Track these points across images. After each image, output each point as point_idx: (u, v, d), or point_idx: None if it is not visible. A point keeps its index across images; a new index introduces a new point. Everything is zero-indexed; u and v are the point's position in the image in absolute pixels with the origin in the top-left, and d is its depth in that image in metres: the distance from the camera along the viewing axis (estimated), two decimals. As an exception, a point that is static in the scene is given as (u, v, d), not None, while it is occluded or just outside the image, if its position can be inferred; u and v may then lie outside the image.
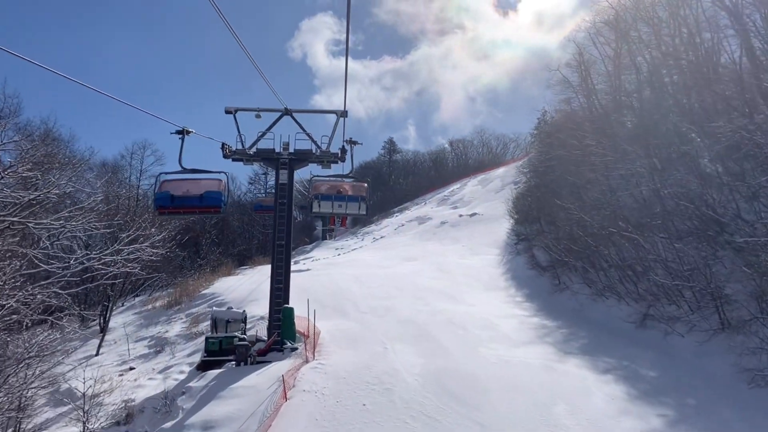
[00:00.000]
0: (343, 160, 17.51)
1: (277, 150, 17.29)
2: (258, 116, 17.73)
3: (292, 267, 39.17)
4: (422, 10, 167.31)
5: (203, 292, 29.00)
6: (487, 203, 54.94)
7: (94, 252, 19.66)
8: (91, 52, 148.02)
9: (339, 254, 47.14)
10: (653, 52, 34.91)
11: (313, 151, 17.38)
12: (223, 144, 16.73)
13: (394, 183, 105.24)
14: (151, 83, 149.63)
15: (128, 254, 20.33)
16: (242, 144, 17.11)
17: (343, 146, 17.34)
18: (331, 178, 18.49)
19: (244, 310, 16.72)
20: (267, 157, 17.34)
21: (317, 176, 18.89)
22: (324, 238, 59.08)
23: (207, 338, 16.50)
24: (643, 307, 20.49)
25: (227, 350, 16.12)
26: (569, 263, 26.94)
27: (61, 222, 17.16)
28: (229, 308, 16.87)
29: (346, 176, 18.61)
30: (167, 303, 28.53)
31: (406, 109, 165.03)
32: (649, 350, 17.32)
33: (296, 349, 16.17)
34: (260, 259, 45.50)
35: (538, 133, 57.37)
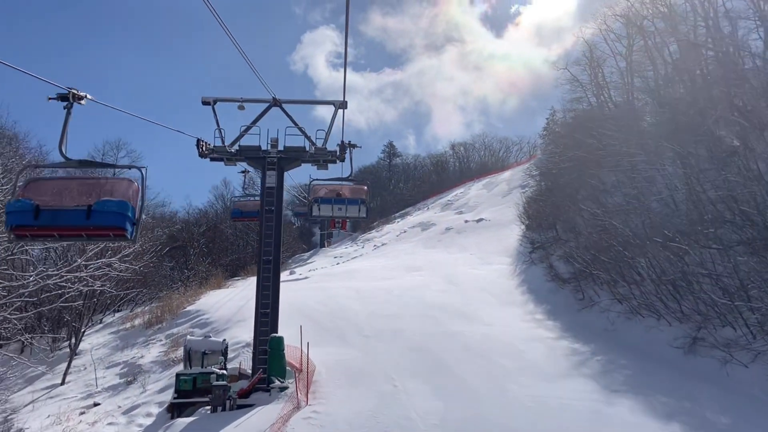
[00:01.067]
0: (342, 160, 14.75)
1: (264, 147, 14.56)
2: (241, 107, 14.96)
3: (287, 277, 36.40)
4: (419, 25, 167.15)
5: (187, 308, 26.12)
6: (493, 208, 52.17)
7: (52, 269, 16.83)
8: (109, 72, 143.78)
9: (338, 263, 44.29)
10: (679, 44, 32.35)
11: (307, 149, 14.63)
12: (198, 140, 13.98)
13: (394, 187, 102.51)
14: (148, 92, 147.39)
15: (95, 270, 17.49)
16: (222, 140, 14.35)
17: (342, 143, 14.57)
18: (332, 181, 16.80)
19: (225, 340, 13.91)
20: (252, 156, 14.58)
21: (316, 180, 16.76)
22: (322, 245, 56.20)
23: (178, 375, 13.68)
24: (690, 329, 17.68)
25: (202, 390, 13.32)
26: (595, 275, 24.14)
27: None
28: (207, 336, 14.04)
29: (346, 179, 18.04)
30: (147, 321, 25.66)
31: (407, 119, 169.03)
32: (708, 384, 14.50)
33: (286, 388, 13.33)
34: (254, 269, 42.61)
35: (547, 134, 54.76)
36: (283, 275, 41.80)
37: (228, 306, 24.73)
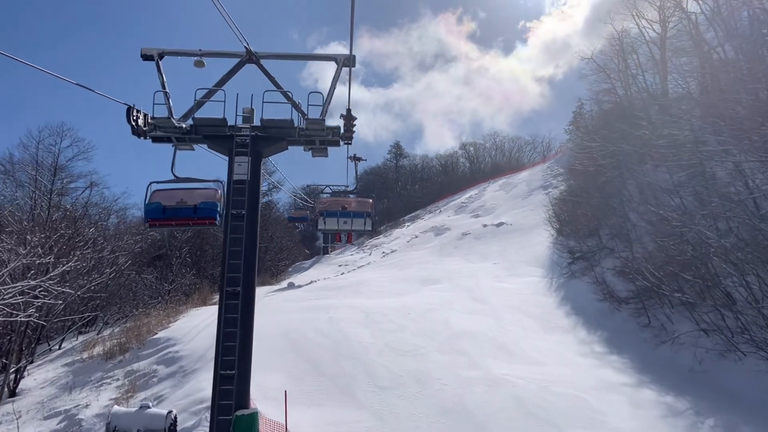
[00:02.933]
0: (349, 139, 9.89)
1: (232, 122, 9.77)
2: (200, 63, 10.13)
3: (279, 293, 31.56)
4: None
5: (158, 335, 21.29)
6: (514, 211, 47.18)
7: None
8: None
9: (342, 273, 39.43)
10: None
11: (296, 124, 9.81)
12: (130, 109, 9.18)
13: (401, 189, 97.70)
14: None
15: (13, 295, 12.74)
16: (169, 110, 9.57)
17: (348, 113, 9.67)
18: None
19: (170, 412, 9.14)
20: (214, 135, 9.77)
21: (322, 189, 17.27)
22: (326, 252, 51.36)
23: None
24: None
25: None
26: (663, 294, 19.21)
27: None
28: (144, 407, 9.28)
29: (351, 192, 18.79)
30: (109, 350, 20.89)
31: (415, 132, 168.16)
32: None
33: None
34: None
35: (575, 128, 49.80)
36: (278, 287, 37.25)
37: (206, 333, 19.85)
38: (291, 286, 34.58)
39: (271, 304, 24.42)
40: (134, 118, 9.30)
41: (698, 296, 18.04)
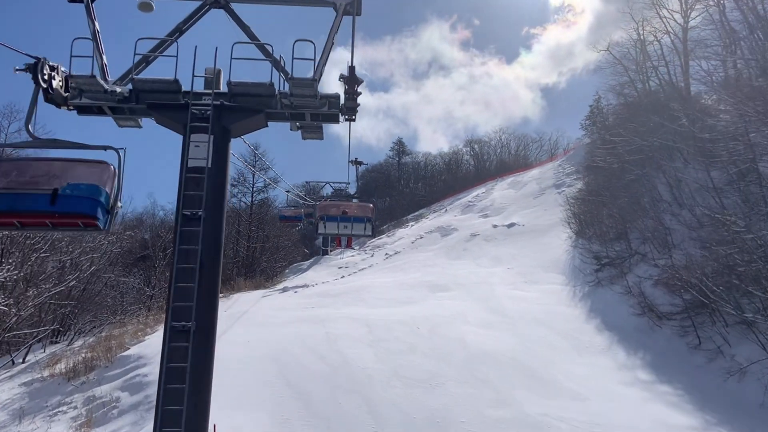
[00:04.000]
0: (352, 112, 7.04)
1: (187, 88, 6.94)
2: (147, 6, 7.31)
3: (273, 299, 28.69)
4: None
5: (129, 351, 18.52)
6: (525, 211, 44.35)
7: None
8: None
9: (342, 276, 36.62)
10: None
11: (279, 90, 6.96)
12: (39, 62, 6.33)
13: (404, 187, 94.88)
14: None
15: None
16: (102, 69, 6.76)
17: (351, 72, 6.84)
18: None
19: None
20: (162, 103, 6.92)
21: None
22: (324, 252, 48.55)
23: None
24: None
25: None
26: (717, 309, 16.43)
27: None
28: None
29: (352, 197, 20.38)
30: (72, 368, 18.13)
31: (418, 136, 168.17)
32: None
33: None
34: (243, 284, 35.04)
35: (592, 123, 46.93)
36: (273, 291, 34.48)
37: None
38: (286, 290, 31.82)
39: (260, 315, 21.65)
40: (45, 77, 6.47)
41: (761, 313, 15.28)
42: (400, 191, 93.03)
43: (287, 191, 33.01)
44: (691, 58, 37.92)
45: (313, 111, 7.17)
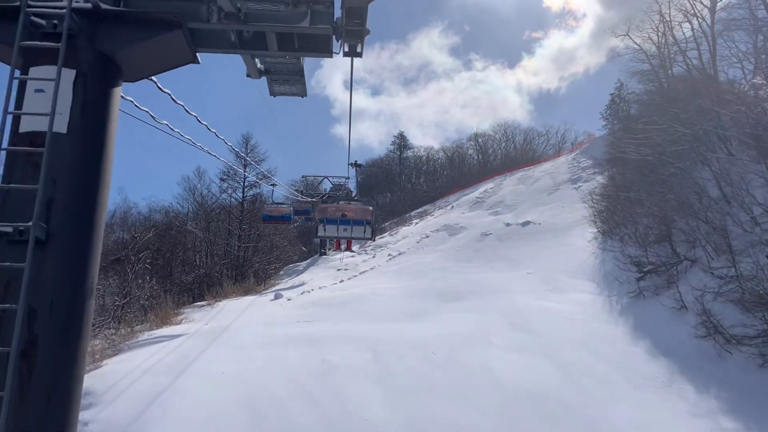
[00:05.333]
0: (355, 39, 3.67)
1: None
2: None
3: (262, 309, 25.14)
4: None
5: (107, 361, 15.16)
6: (540, 208, 40.99)
7: None
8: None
9: (341, 280, 33.21)
10: None
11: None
12: None
13: (405, 182, 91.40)
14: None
15: None
16: None
17: None
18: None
19: None
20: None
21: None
22: (323, 253, 45.12)
23: None
24: None
25: None
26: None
27: None
28: None
29: (352, 199, 20.24)
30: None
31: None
32: None
33: None
34: (232, 289, 31.60)
35: (615, 113, 43.45)
36: (263, 299, 31.01)
37: (140, 387, 13.66)
38: (278, 297, 28.39)
39: (242, 332, 18.23)
40: None
41: None
42: (402, 186, 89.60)
43: (273, 185, 29.47)
44: (720, 43, 34.93)
45: (284, 29, 3.67)
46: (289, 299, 27.27)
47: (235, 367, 14.11)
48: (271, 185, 33.51)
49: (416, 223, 50.61)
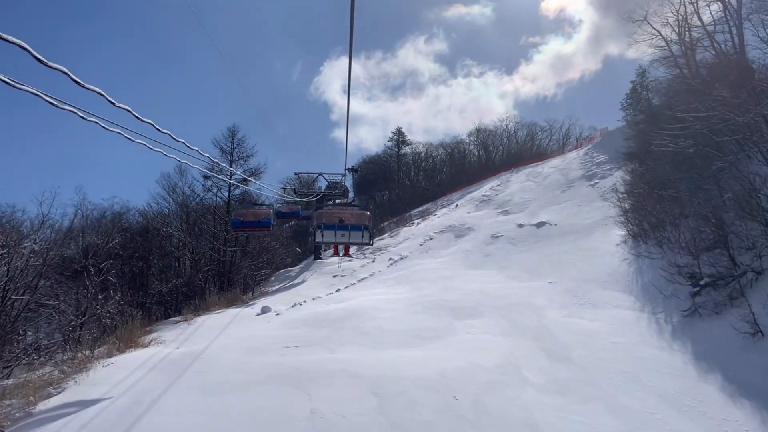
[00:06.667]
0: None
1: None
2: None
3: (245, 328, 21.39)
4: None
5: (41, 405, 11.73)
6: (554, 207, 37.64)
7: None
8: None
9: (337, 289, 29.81)
10: None
11: None
12: None
13: (404, 179, 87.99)
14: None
15: None
16: None
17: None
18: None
19: None
20: None
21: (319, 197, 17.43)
22: (317, 256, 41.61)
23: None
24: None
25: None
26: None
27: None
28: None
29: (349, 204, 20.43)
30: None
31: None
32: None
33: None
34: (215, 301, 28.16)
35: (636, 103, 40.12)
36: (249, 311, 27.47)
37: (109, 414, 10.23)
38: (266, 310, 24.92)
39: (215, 366, 14.74)
40: None
41: None
42: (401, 184, 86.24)
43: (245, 176, 26.19)
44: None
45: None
46: (277, 314, 23.82)
47: (199, 419, 10.70)
48: (242, 181, 30.09)
49: (418, 224, 47.18)
